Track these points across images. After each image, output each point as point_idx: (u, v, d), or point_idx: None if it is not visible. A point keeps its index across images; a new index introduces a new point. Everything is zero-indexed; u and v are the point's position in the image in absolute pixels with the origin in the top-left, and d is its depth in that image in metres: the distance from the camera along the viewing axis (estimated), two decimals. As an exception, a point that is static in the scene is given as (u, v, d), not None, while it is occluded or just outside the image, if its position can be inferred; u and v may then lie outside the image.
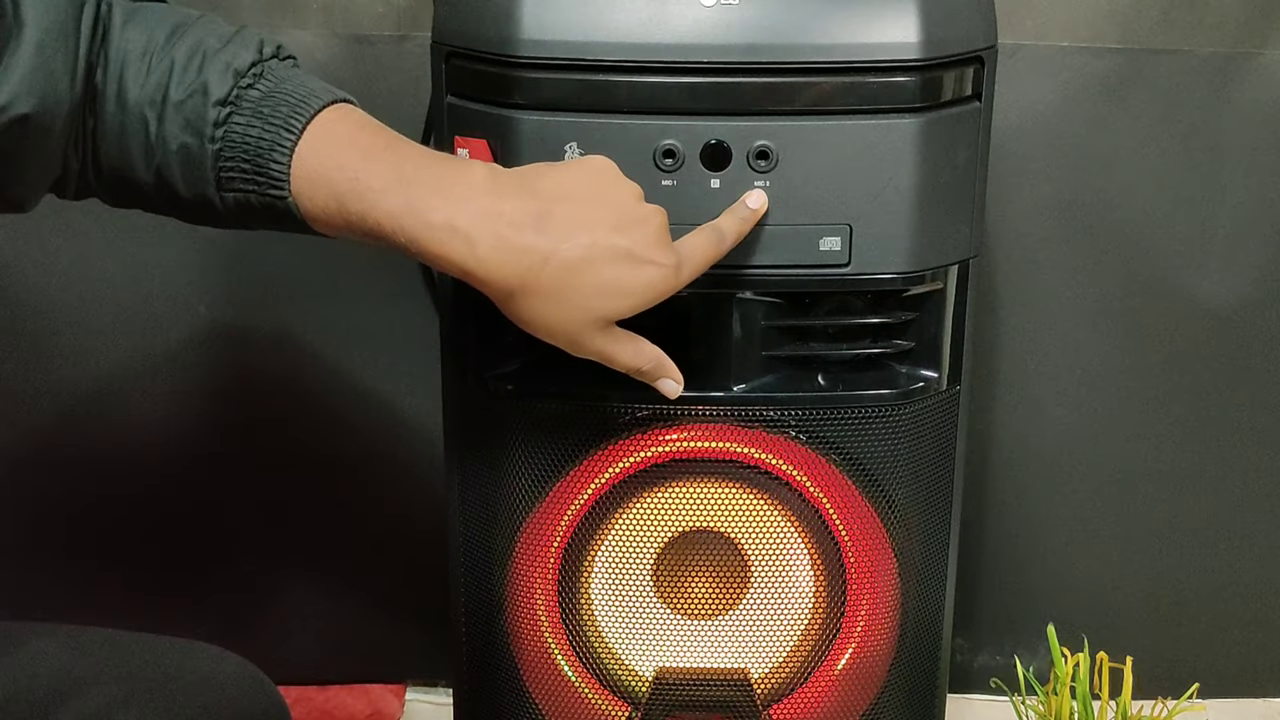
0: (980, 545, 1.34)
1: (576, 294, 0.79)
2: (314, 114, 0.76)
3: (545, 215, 0.79)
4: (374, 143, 0.78)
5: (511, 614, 1.01)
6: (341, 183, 0.76)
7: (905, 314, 0.96)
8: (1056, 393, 1.32)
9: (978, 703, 1.37)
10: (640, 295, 0.81)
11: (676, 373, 0.88)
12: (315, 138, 0.76)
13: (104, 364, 1.29)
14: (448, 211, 0.76)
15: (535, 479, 0.97)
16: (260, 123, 0.75)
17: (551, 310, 0.79)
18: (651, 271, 0.81)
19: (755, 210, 0.90)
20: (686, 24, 0.89)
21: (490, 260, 0.77)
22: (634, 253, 0.80)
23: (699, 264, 0.85)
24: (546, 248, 0.78)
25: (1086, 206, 1.27)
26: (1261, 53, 1.24)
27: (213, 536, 1.34)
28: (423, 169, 0.78)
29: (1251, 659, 1.39)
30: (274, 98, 0.76)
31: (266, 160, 0.75)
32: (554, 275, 0.78)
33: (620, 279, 0.80)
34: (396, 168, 0.77)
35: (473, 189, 0.78)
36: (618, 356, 0.84)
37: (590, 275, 0.79)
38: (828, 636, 1.01)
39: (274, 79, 0.77)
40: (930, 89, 0.92)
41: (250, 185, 0.76)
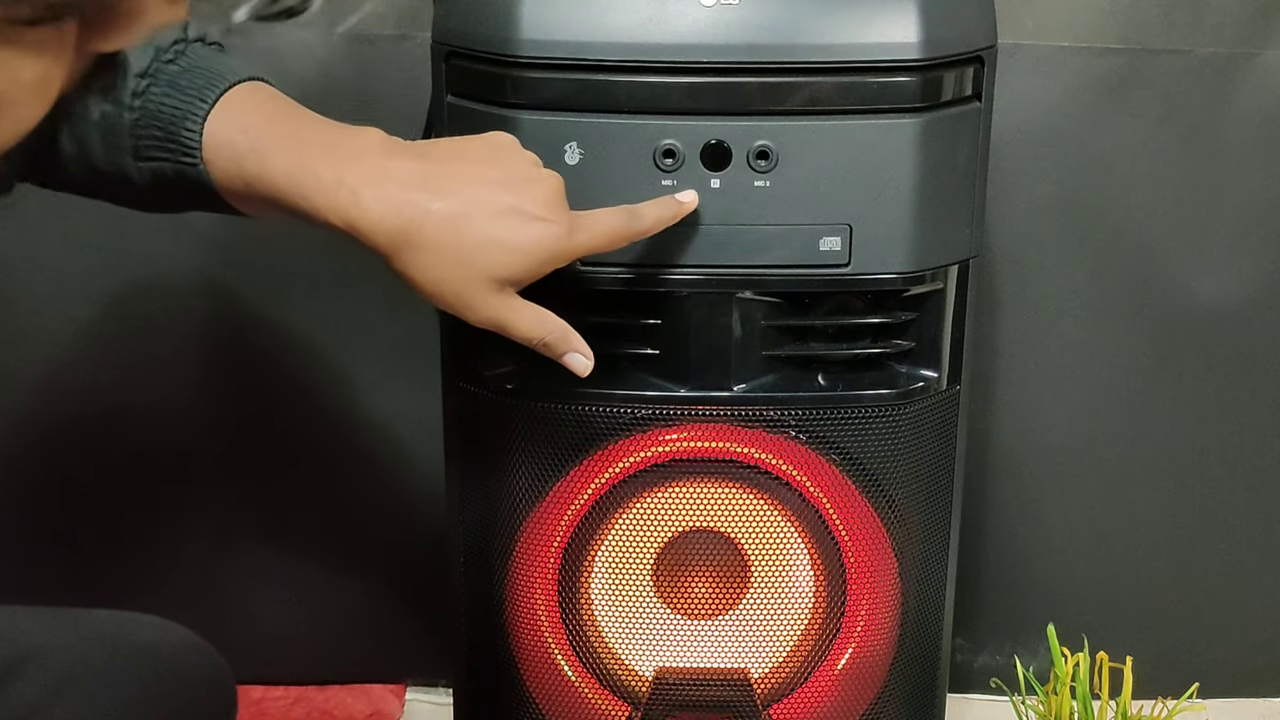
0: (980, 545, 1.34)
1: (460, 248, 0.78)
2: (228, 87, 0.78)
3: (432, 173, 0.79)
4: (277, 110, 0.80)
5: (511, 614, 1.01)
6: (243, 144, 0.77)
7: (905, 314, 0.96)
8: (1056, 393, 1.32)
9: (978, 703, 1.37)
10: (527, 253, 0.80)
11: (584, 346, 0.85)
12: (225, 107, 0.78)
13: (102, 363, 1.29)
14: (337, 167, 0.77)
15: (535, 479, 0.97)
16: (176, 93, 0.77)
17: (435, 265, 0.78)
18: (539, 228, 0.80)
19: (683, 204, 0.89)
20: (686, 24, 0.89)
21: (373, 211, 0.77)
22: (520, 208, 0.80)
23: (598, 234, 0.84)
24: (429, 200, 0.78)
25: (1086, 206, 1.27)
26: (1261, 53, 1.24)
27: (212, 536, 1.34)
28: (319, 132, 0.79)
29: (1251, 659, 1.39)
30: (191, 72, 0.78)
31: (179, 128, 0.77)
32: (436, 228, 0.78)
33: (504, 234, 0.79)
34: (294, 131, 0.79)
35: (364, 149, 0.79)
36: (515, 323, 0.82)
37: (473, 228, 0.78)
38: (828, 636, 1.01)
39: (193, 56, 0.79)
40: (930, 89, 0.92)
41: (164, 153, 0.77)
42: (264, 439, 1.32)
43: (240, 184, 0.78)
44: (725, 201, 0.91)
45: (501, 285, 0.80)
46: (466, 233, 0.78)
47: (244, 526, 1.34)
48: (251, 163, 0.77)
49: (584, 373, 0.85)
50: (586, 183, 0.91)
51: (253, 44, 1.21)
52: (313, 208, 0.77)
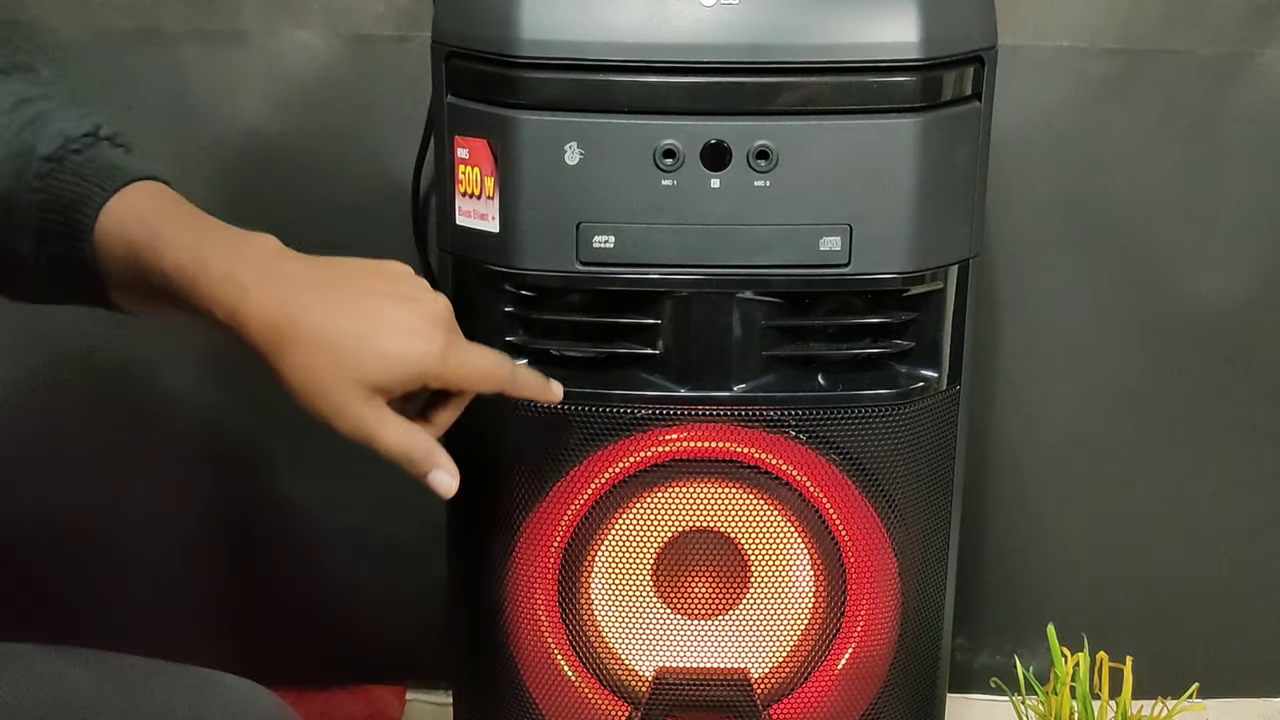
0: (980, 545, 1.34)
1: (334, 349, 0.78)
2: (130, 180, 0.79)
3: (321, 279, 0.80)
4: (178, 209, 0.80)
5: (511, 614, 1.01)
6: (138, 235, 0.77)
7: (905, 314, 0.96)
8: (1056, 392, 1.32)
9: (978, 703, 1.37)
10: (397, 363, 0.80)
11: (452, 466, 0.83)
12: (125, 199, 0.78)
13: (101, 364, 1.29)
14: (230, 263, 0.78)
15: (535, 479, 0.97)
16: (78, 181, 0.78)
17: (307, 364, 0.78)
18: (413, 341, 0.80)
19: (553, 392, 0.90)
20: (686, 24, 0.89)
21: (258, 309, 0.77)
22: (399, 320, 0.80)
23: (475, 364, 0.84)
24: (314, 303, 0.79)
25: (1086, 206, 1.27)
26: (1261, 53, 1.24)
27: (211, 537, 1.34)
28: (217, 232, 0.80)
29: (1251, 659, 1.39)
30: (95, 163, 0.79)
31: (77, 213, 0.77)
32: (312, 325, 0.78)
33: (377, 340, 0.79)
34: (192, 228, 0.79)
35: (260, 250, 0.80)
36: (381, 435, 0.80)
37: (347, 329, 0.79)
38: (828, 636, 1.01)
39: (101, 150, 0.80)
40: (930, 89, 0.92)
41: (57, 237, 0.78)
42: (262, 439, 1.32)
43: (132, 276, 0.78)
44: (725, 201, 0.91)
45: (370, 393, 0.80)
46: (340, 333, 0.79)
47: (243, 527, 1.34)
48: (146, 253, 0.77)
49: (448, 494, 0.83)
50: (586, 183, 0.91)
51: (253, 44, 1.22)
52: (199, 299, 0.77)
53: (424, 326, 0.81)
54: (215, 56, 1.22)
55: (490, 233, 0.93)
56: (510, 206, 0.93)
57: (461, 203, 0.95)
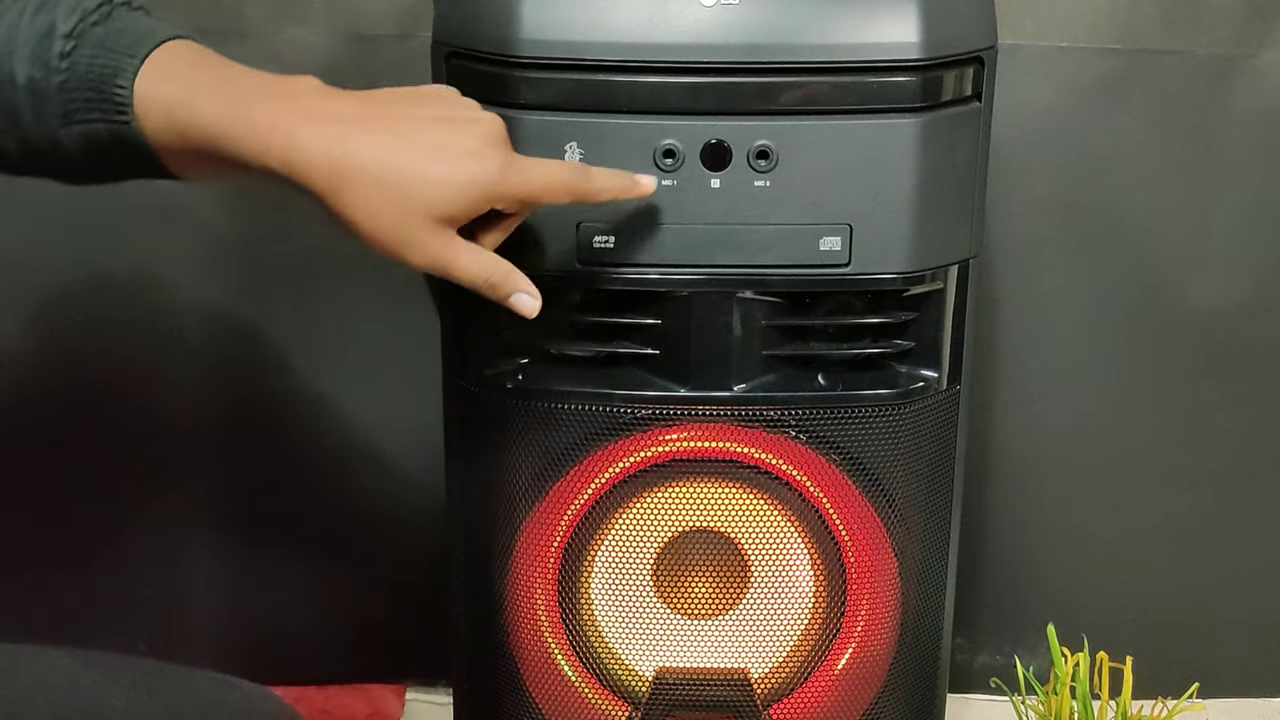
0: (980, 545, 1.34)
1: (394, 183, 0.77)
2: (157, 44, 0.77)
3: (368, 112, 0.79)
4: (208, 62, 0.79)
5: (511, 614, 1.01)
6: (173, 95, 0.76)
7: (905, 314, 0.96)
8: (1056, 393, 1.32)
9: (978, 703, 1.37)
10: (461, 188, 0.79)
11: (531, 286, 0.83)
12: (156, 62, 0.77)
13: (101, 362, 1.29)
14: (272, 109, 0.77)
15: (535, 479, 0.97)
16: (104, 53, 0.76)
17: (371, 201, 0.77)
18: (472, 163, 0.79)
19: (640, 183, 0.88)
20: (686, 24, 0.89)
21: (309, 150, 0.76)
22: (454, 143, 0.79)
23: (539, 176, 0.83)
24: (366, 137, 0.78)
25: (1086, 206, 1.27)
26: (1260, 53, 1.24)
27: (211, 537, 1.34)
28: (252, 78, 0.79)
29: (1251, 659, 1.39)
30: (118, 33, 0.77)
31: (110, 86, 0.76)
32: (372, 164, 0.77)
33: (438, 168, 0.78)
34: (226, 78, 0.78)
35: (299, 91, 0.79)
36: (458, 263, 0.80)
37: (407, 163, 0.78)
38: (828, 636, 1.01)
39: (120, 19, 0.78)
40: (930, 89, 0.92)
41: (95, 114, 0.77)
42: (263, 438, 1.32)
43: (172, 136, 0.77)
44: (725, 201, 0.91)
45: (439, 223, 0.79)
46: (400, 165, 0.78)
47: (243, 526, 1.34)
48: (183, 112, 0.76)
49: (531, 313, 0.83)
50: (586, 183, 0.91)
51: (253, 44, 1.22)
52: (248, 151, 0.76)
53: (480, 147, 0.80)
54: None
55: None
56: (510, 206, 0.92)
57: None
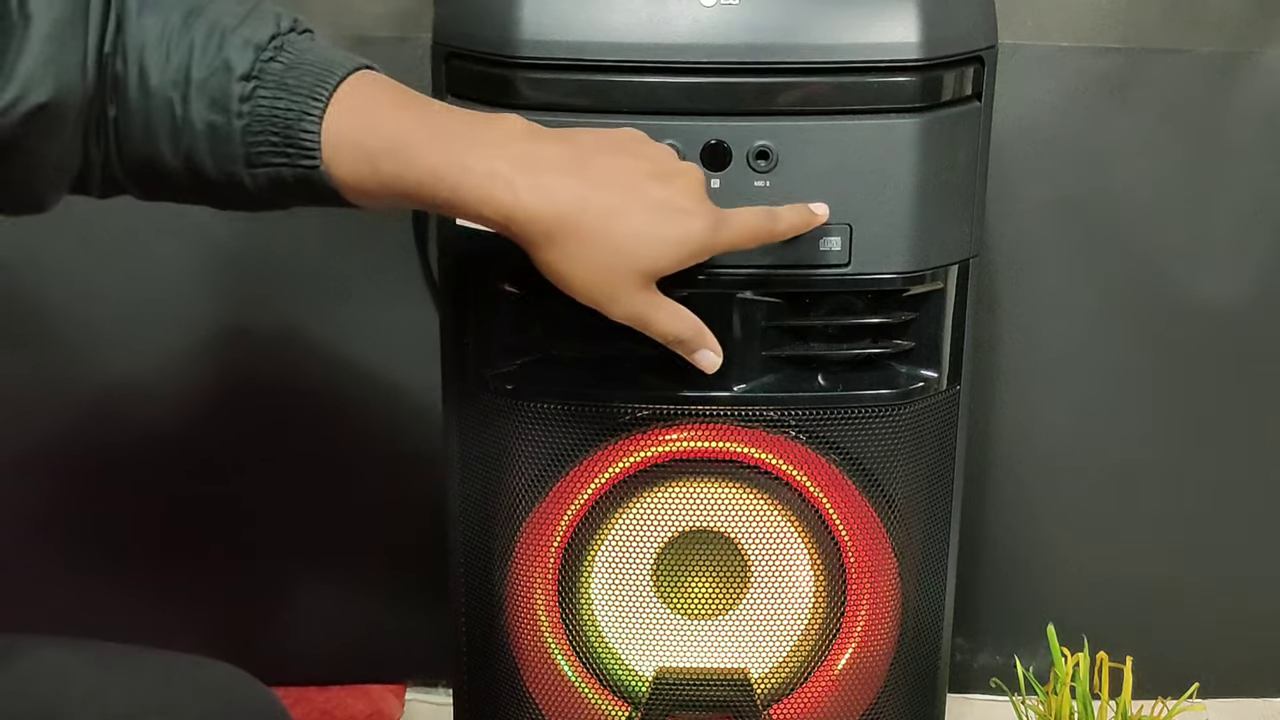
0: (980, 545, 1.34)
1: (614, 240, 0.78)
2: (339, 81, 0.77)
3: (585, 162, 0.79)
4: (403, 102, 0.78)
5: (511, 614, 1.01)
6: (374, 143, 0.76)
7: (905, 314, 0.96)
8: (1056, 392, 1.32)
9: (978, 703, 1.37)
10: (678, 246, 0.80)
11: (715, 344, 0.86)
12: (343, 103, 0.76)
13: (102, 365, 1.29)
14: (488, 157, 0.77)
15: (535, 479, 0.97)
16: (286, 94, 0.76)
17: (589, 257, 0.78)
18: (690, 222, 0.81)
19: (816, 215, 0.90)
20: (686, 24, 0.89)
21: (531, 203, 0.77)
22: (672, 202, 0.80)
23: (741, 228, 0.84)
24: (587, 191, 0.78)
25: (1086, 206, 1.27)
26: (1261, 52, 1.24)
27: (211, 537, 1.34)
28: (458, 122, 0.79)
29: (1251, 659, 1.39)
30: (297, 69, 0.76)
31: (296, 130, 0.75)
32: (594, 219, 0.78)
33: (658, 227, 0.80)
34: (430, 124, 0.77)
35: (511, 136, 0.79)
36: (656, 320, 0.82)
37: (629, 221, 0.79)
38: (828, 636, 1.01)
39: (295, 51, 0.77)
40: (930, 89, 0.92)
41: (281, 158, 0.76)
42: (262, 439, 1.32)
43: (373, 183, 0.77)
44: (725, 201, 0.91)
45: (647, 280, 0.81)
46: (623, 225, 0.79)
47: (243, 527, 1.34)
48: (387, 162, 0.76)
49: (711, 370, 0.86)
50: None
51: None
52: (462, 202, 0.77)
53: (694, 204, 0.82)
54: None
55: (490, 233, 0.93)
56: (510, 206, 0.92)
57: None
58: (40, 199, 0.77)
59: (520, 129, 0.80)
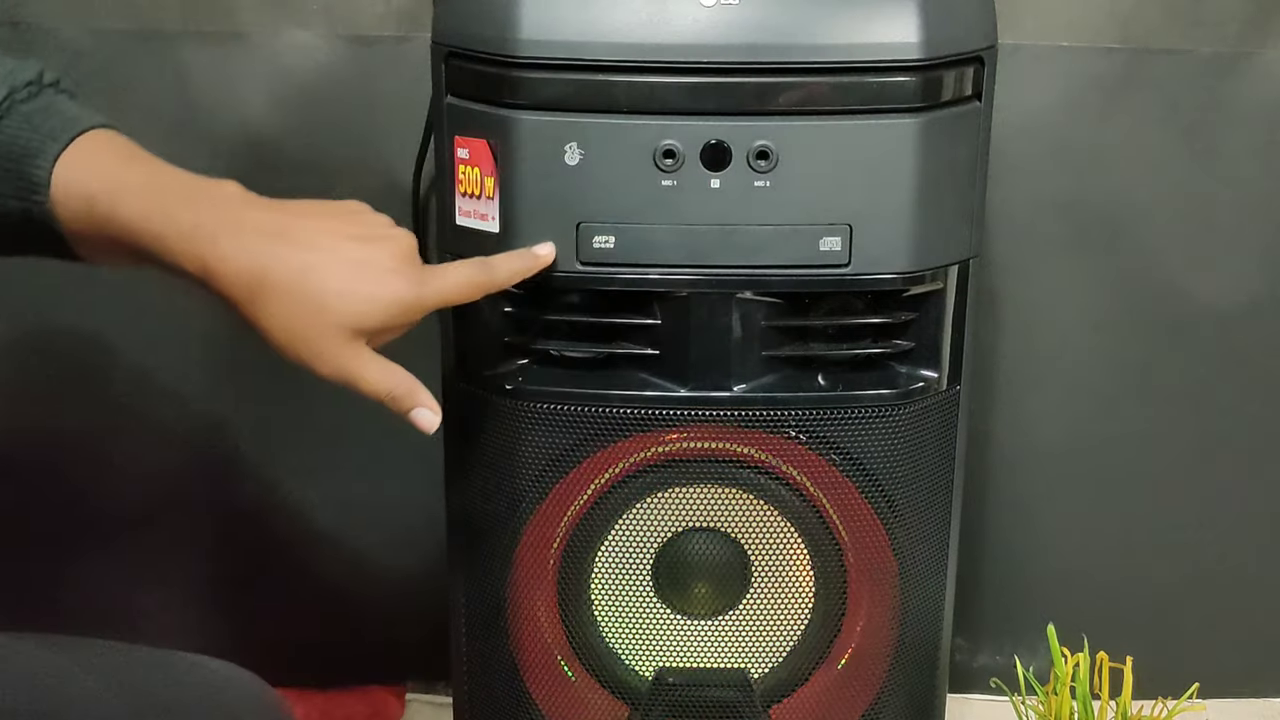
0: (980, 545, 1.34)
1: (310, 297, 0.79)
2: (82, 130, 0.78)
3: (289, 225, 0.80)
4: (134, 155, 0.80)
5: (511, 614, 1.01)
6: (95, 185, 0.77)
7: (905, 314, 0.96)
8: (1056, 392, 1.32)
9: (978, 703, 1.37)
10: (380, 303, 0.81)
11: (432, 402, 0.85)
12: (78, 149, 0.77)
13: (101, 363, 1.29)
14: (195, 213, 0.78)
15: (535, 479, 0.97)
16: (28, 131, 0.77)
17: (288, 314, 0.79)
18: (392, 280, 0.82)
19: (539, 256, 0.91)
20: (686, 24, 0.89)
21: (230, 258, 0.78)
22: (373, 261, 0.81)
23: (451, 283, 0.85)
24: (283, 250, 0.79)
25: (1086, 206, 1.27)
26: (1261, 52, 1.24)
27: (211, 537, 1.34)
28: (176, 180, 0.80)
29: (1251, 659, 1.39)
30: (45, 112, 0.78)
31: (30, 165, 0.76)
32: (291, 276, 0.79)
33: (358, 284, 0.80)
34: (150, 176, 0.79)
35: (223, 199, 0.80)
36: (363, 376, 0.82)
37: (327, 277, 0.80)
38: (828, 636, 1.01)
39: (49, 99, 0.79)
40: (930, 89, 0.92)
41: (10, 193, 0.77)
42: (263, 439, 1.32)
43: (88, 227, 0.77)
44: (725, 201, 0.91)
45: (352, 337, 0.81)
46: (320, 282, 0.79)
47: (243, 527, 1.34)
48: (104, 204, 0.77)
49: (430, 429, 0.85)
50: (586, 183, 0.91)
51: (253, 45, 1.22)
52: (167, 251, 0.78)
53: (399, 265, 0.83)
54: (215, 57, 1.22)
55: (490, 233, 0.93)
56: (510, 207, 0.93)
57: (461, 203, 0.95)
58: None
59: (234, 193, 0.81)
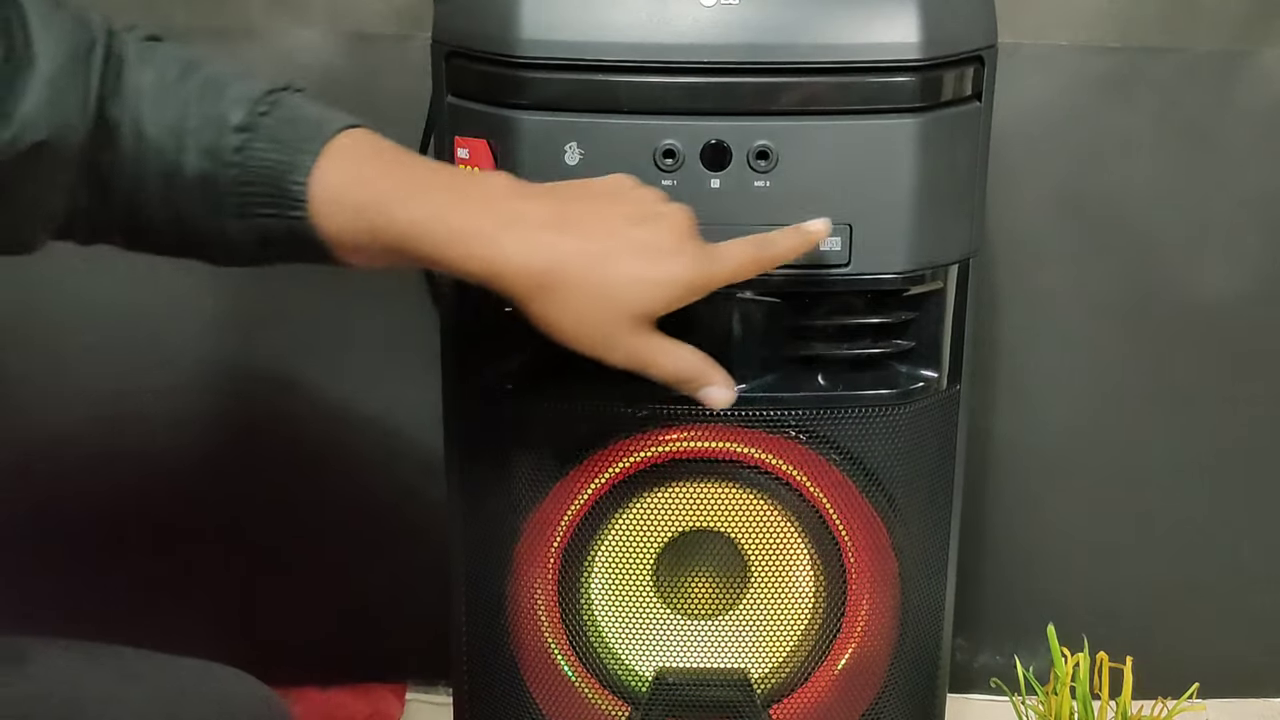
0: (980, 545, 1.34)
1: (600, 287, 0.79)
2: (331, 136, 0.77)
3: (567, 214, 0.80)
4: (393, 159, 0.79)
5: (511, 614, 1.01)
6: (361, 196, 0.76)
7: (905, 313, 0.96)
8: (1056, 392, 1.32)
9: (978, 703, 1.37)
10: (666, 287, 0.80)
11: (726, 378, 0.85)
12: (333, 157, 0.77)
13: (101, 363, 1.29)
14: (471, 213, 0.77)
15: (535, 479, 0.97)
16: (278, 147, 0.76)
17: (578, 306, 0.79)
18: (677, 262, 0.81)
19: (814, 231, 0.89)
20: (686, 24, 0.89)
21: (515, 258, 0.77)
22: (658, 244, 0.81)
23: (733, 261, 0.84)
24: (569, 241, 0.79)
25: (1086, 205, 1.27)
26: (1260, 51, 1.24)
27: (212, 537, 1.34)
28: (443, 179, 0.79)
29: (1251, 659, 1.39)
30: (291, 123, 0.77)
31: (286, 182, 0.76)
32: (577, 268, 0.78)
33: (645, 270, 0.80)
34: (417, 179, 0.78)
35: (494, 193, 0.79)
36: (657, 362, 0.82)
37: (614, 266, 0.79)
38: (828, 636, 1.01)
39: (289, 106, 0.78)
40: (930, 89, 0.92)
41: (269, 210, 0.76)
42: (263, 439, 1.32)
43: (362, 237, 0.77)
44: (725, 201, 0.91)
45: (641, 322, 0.80)
46: (609, 271, 0.79)
47: (244, 527, 1.34)
48: (375, 214, 0.76)
49: (720, 406, 0.85)
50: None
51: (253, 42, 1.22)
52: (447, 257, 0.77)
53: (681, 244, 0.81)
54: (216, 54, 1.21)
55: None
56: (510, 206, 0.92)
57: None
58: (28, 240, 0.77)
59: (504, 186, 0.80)
